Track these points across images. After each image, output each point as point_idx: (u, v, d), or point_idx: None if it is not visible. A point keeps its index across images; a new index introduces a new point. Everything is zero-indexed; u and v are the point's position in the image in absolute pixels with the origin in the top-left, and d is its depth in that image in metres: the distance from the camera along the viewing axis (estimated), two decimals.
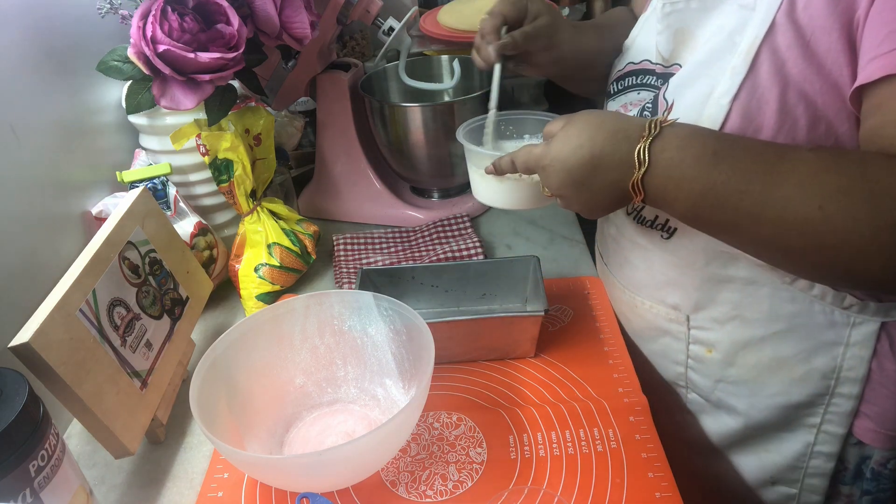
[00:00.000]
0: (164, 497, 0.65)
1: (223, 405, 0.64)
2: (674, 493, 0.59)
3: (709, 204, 0.52)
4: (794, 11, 0.52)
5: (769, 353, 0.66)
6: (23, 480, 0.50)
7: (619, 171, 0.55)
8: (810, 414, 0.67)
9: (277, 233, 0.90)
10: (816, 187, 0.48)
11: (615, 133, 0.55)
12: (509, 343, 0.75)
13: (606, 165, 0.55)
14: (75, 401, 0.57)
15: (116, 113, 0.92)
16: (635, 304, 0.76)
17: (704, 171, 0.51)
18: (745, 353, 0.68)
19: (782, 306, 0.63)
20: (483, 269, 0.81)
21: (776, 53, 0.54)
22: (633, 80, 0.71)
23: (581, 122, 0.57)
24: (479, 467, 0.64)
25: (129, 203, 0.72)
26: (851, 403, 0.65)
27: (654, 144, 0.53)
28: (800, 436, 0.69)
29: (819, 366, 0.64)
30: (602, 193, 0.57)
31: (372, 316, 0.71)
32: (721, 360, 0.70)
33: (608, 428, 0.66)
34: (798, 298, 0.62)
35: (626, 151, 0.54)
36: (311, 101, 1.22)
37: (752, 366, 0.68)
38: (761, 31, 0.54)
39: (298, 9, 0.83)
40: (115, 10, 0.79)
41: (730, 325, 0.67)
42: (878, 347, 0.62)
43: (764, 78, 0.54)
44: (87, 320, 0.61)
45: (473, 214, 1.05)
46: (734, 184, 0.50)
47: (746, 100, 0.55)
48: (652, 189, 0.54)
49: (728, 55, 0.57)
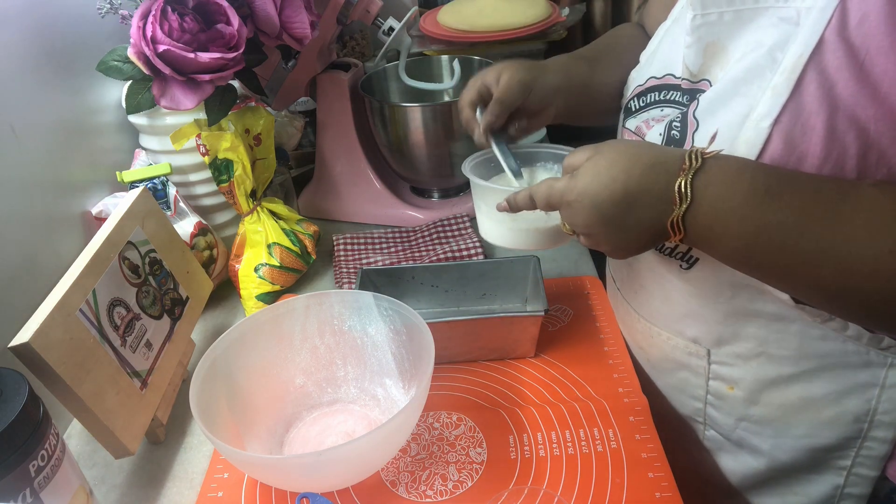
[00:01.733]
0: (164, 497, 0.65)
1: (223, 405, 0.64)
2: (674, 494, 0.59)
3: (761, 246, 0.48)
4: (845, 29, 0.47)
5: (797, 392, 0.61)
6: (23, 480, 0.50)
7: (658, 208, 0.50)
8: (840, 457, 0.63)
9: (277, 233, 0.90)
10: (885, 228, 0.44)
11: (653, 166, 0.50)
12: (509, 343, 0.75)
13: (643, 202, 0.51)
14: (75, 401, 0.57)
15: (116, 113, 0.92)
16: (651, 334, 0.71)
17: (757, 209, 0.47)
18: (771, 391, 0.63)
19: (813, 344, 0.58)
20: (483, 269, 0.81)
21: (824, 74, 0.48)
22: (655, 96, 0.66)
23: (613, 153, 0.52)
24: (479, 467, 0.64)
25: (129, 203, 0.72)
26: (886, 448, 0.61)
27: (697, 178, 0.49)
28: (828, 478, 0.65)
29: (851, 408, 0.60)
30: (636, 232, 0.53)
31: (372, 316, 0.71)
32: (744, 397, 0.65)
33: (608, 428, 0.66)
34: (830, 337, 0.57)
35: (665, 186, 0.49)
36: (311, 101, 1.22)
37: (777, 405, 0.63)
38: (807, 49, 0.49)
39: (298, 9, 0.83)
40: (115, 10, 0.79)
41: (755, 361, 0.62)
42: None
43: (809, 101, 0.49)
44: (87, 320, 0.61)
45: (473, 214, 1.05)
46: (791, 224, 0.46)
47: (790, 124, 0.50)
48: (694, 228, 0.50)
49: (768, 73, 0.52)
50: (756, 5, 0.55)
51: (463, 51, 1.20)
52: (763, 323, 0.60)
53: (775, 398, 0.63)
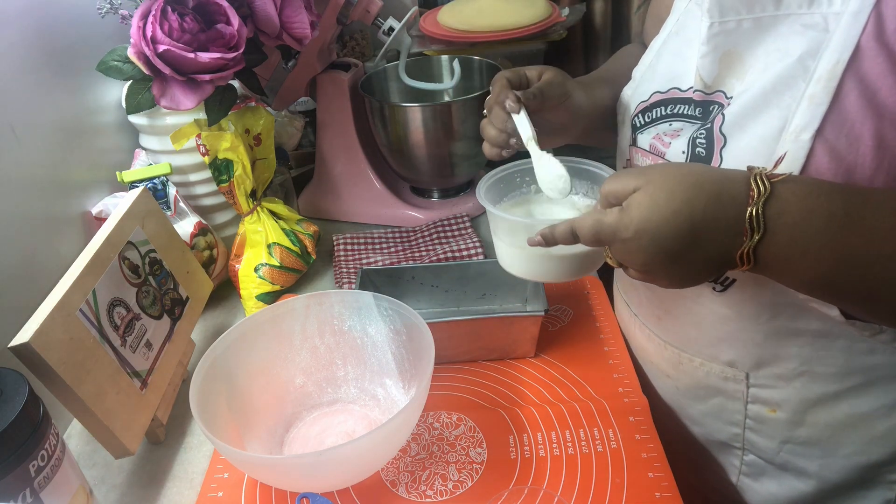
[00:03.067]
0: (164, 497, 0.65)
1: (223, 405, 0.64)
2: (674, 494, 0.59)
3: (844, 273, 0.46)
4: (883, 34, 0.45)
5: (844, 410, 0.60)
6: (23, 480, 0.50)
7: (726, 241, 0.46)
8: (891, 471, 0.62)
9: (277, 233, 0.90)
10: None
11: (718, 195, 0.46)
12: (509, 343, 0.75)
13: (710, 236, 0.47)
14: (75, 401, 0.57)
15: (116, 113, 0.92)
16: (680, 361, 0.68)
17: (837, 235, 0.45)
18: (816, 410, 0.61)
19: (859, 359, 0.57)
20: (483, 269, 0.81)
21: (865, 82, 0.47)
22: (662, 111, 0.64)
23: (669, 182, 0.47)
24: (479, 467, 0.64)
25: (129, 203, 0.72)
26: None
27: (768, 206, 0.45)
28: (878, 493, 0.63)
29: None
30: (701, 265, 0.49)
31: (372, 316, 0.71)
32: (788, 419, 0.63)
33: (608, 428, 0.66)
34: (878, 350, 0.56)
35: (734, 217, 0.46)
36: (311, 101, 1.22)
37: (824, 424, 0.61)
38: (843, 56, 0.47)
39: (298, 9, 0.83)
40: (115, 10, 0.79)
41: (798, 381, 0.60)
42: None
43: (853, 111, 0.47)
44: (87, 320, 0.61)
45: (473, 214, 1.05)
46: (876, 248, 0.44)
47: (833, 135, 0.48)
48: (768, 258, 0.46)
49: (801, 83, 0.50)
50: (777, 12, 0.53)
51: (463, 51, 1.20)
52: (806, 341, 0.58)
53: (822, 417, 0.61)
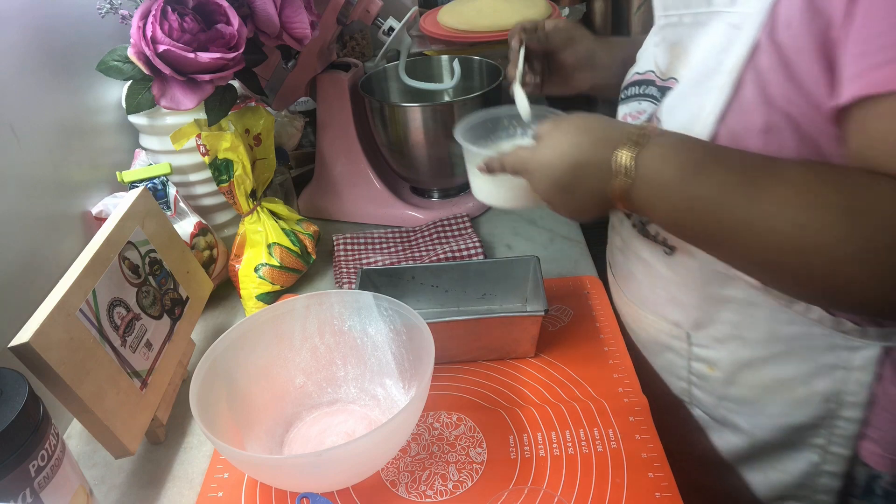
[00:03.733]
0: (164, 497, 0.65)
1: (223, 405, 0.64)
2: (674, 494, 0.59)
3: (690, 217, 0.52)
4: (775, 32, 0.51)
5: (770, 374, 0.65)
6: (23, 480, 0.50)
7: (602, 179, 0.54)
8: (815, 435, 0.66)
9: (277, 233, 0.90)
10: (795, 202, 0.47)
11: (600, 140, 0.55)
12: (509, 343, 0.75)
13: (589, 173, 0.55)
14: (75, 401, 0.57)
15: (116, 113, 0.92)
16: (640, 317, 0.75)
17: (686, 182, 0.51)
18: (747, 372, 0.66)
19: (781, 328, 0.62)
20: (483, 269, 0.81)
21: (759, 75, 0.52)
22: (636, 90, 0.70)
23: (569, 127, 0.57)
24: (479, 467, 0.64)
25: (129, 203, 0.72)
26: (855, 427, 0.63)
27: (640, 154, 0.53)
28: (806, 455, 0.67)
29: (820, 389, 0.62)
30: (585, 200, 0.57)
31: (372, 316, 0.71)
32: (723, 378, 0.68)
33: (608, 428, 0.66)
34: (796, 321, 0.61)
35: (608, 159, 0.54)
36: (311, 101, 1.22)
37: (753, 386, 0.67)
38: (745, 51, 0.53)
39: (298, 9, 0.83)
40: (115, 10, 0.79)
41: (731, 344, 0.66)
42: (881, 372, 0.60)
43: (749, 100, 0.53)
44: (87, 320, 0.61)
45: (473, 214, 1.05)
46: (714, 196, 0.50)
47: (733, 121, 0.54)
48: (637, 199, 0.54)
49: (716, 74, 0.55)
50: (709, 9, 0.58)
51: (463, 51, 1.20)
52: (735, 308, 0.63)
53: (750, 379, 0.66)
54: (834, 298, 0.50)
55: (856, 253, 0.45)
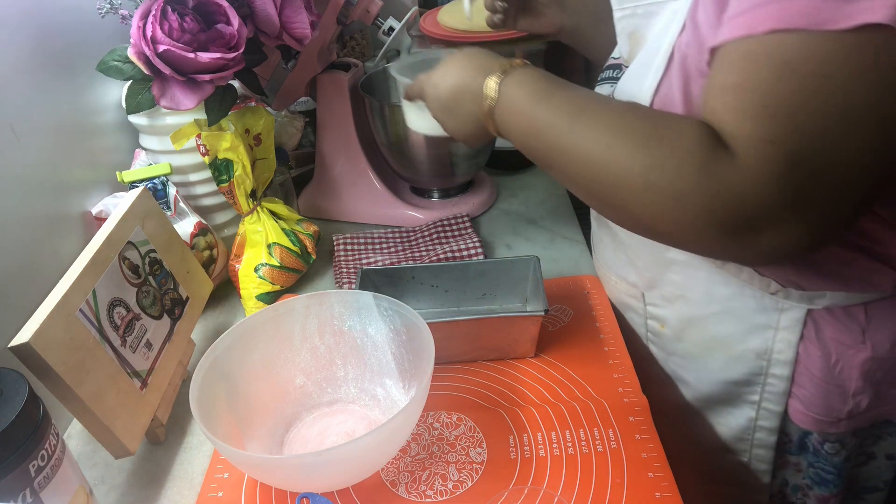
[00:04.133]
0: (164, 497, 0.65)
1: (223, 405, 0.64)
2: (674, 494, 0.59)
3: (534, 139, 0.57)
4: (696, 12, 0.54)
5: (710, 331, 0.70)
6: (23, 480, 0.50)
7: (476, 103, 0.61)
8: (750, 392, 0.70)
9: (277, 233, 0.90)
10: (609, 129, 0.51)
11: (479, 68, 0.61)
12: (509, 343, 0.75)
13: (468, 97, 0.62)
14: (75, 401, 0.57)
15: (116, 113, 0.92)
16: (608, 279, 0.83)
17: (532, 107, 0.56)
18: (691, 329, 0.72)
19: (718, 289, 0.66)
20: (483, 269, 0.81)
21: (681, 50, 0.56)
22: (609, 73, 0.73)
23: (459, 56, 0.64)
24: (479, 467, 0.64)
25: (129, 203, 0.72)
26: (784, 384, 0.68)
27: (503, 83, 0.58)
28: (743, 411, 0.72)
29: (753, 346, 0.67)
30: (466, 121, 0.64)
31: (372, 316, 0.71)
32: (672, 335, 0.74)
33: (608, 428, 0.66)
34: (730, 282, 0.65)
35: (482, 85, 0.60)
36: (311, 101, 1.22)
37: (696, 342, 0.72)
38: (676, 32, 0.56)
39: (298, 9, 0.83)
40: (115, 10, 0.79)
41: (677, 303, 0.71)
42: (804, 333, 0.65)
43: (674, 74, 0.57)
44: (87, 320, 0.61)
45: (473, 214, 1.05)
46: (549, 120, 0.55)
47: (663, 94, 0.58)
48: (500, 123, 0.60)
49: (656, 55, 0.59)
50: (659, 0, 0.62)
51: None
52: (678, 269, 0.69)
53: (694, 336, 0.72)
54: (629, 218, 0.53)
55: (644, 173, 0.48)
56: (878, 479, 0.77)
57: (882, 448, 0.74)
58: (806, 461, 0.73)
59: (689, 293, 0.69)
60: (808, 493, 0.75)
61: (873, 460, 0.75)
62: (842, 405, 0.66)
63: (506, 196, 1.13)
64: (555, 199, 1.10)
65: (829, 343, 0.64)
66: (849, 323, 0.63)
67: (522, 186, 1.16)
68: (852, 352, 0.64)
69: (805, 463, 0.73)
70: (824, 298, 0.63)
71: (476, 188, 1.11)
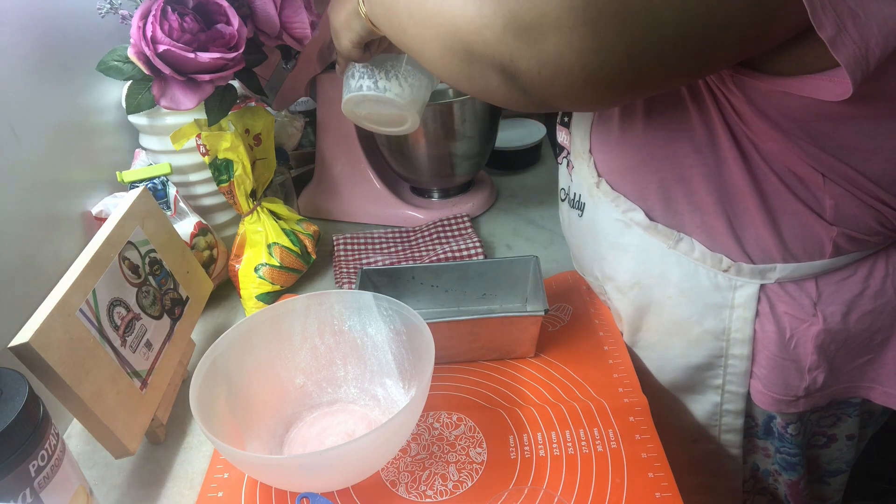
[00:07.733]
0: (164, 497, 0.65)
1: (223, 405, 0.64)
2: (674, 494, 0.59)
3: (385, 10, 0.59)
4: None
5: (667, 316, 0.70)
6: (23, 480, 0.50)
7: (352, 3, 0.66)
8: (713, 376, 0.71)
9: (277, 233, 0.90)
10: None
11: None
12: (509, 343, 0.75)
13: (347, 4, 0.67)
14: (75, 401, 0.57)
15: (116, 113, 0.92)
16: (580, 277, 0.86)
17: None
18: (648, 317, 0.72)
19: (671, 271, 0.67)
20: (483, 269, 0.81)
21: None
22: None
23: None
24: (479, 467, 0.64)
25: (129, 203, 0.72)
26: (745, 364, 0.68)
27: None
28: (708, 396, 0.72)
29: (710, 327, 0.67)
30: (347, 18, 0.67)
31: (372, 316, 0.71)
32: (630, 326, 0.75)
33: (608, 428, 0.66)
34: (683, 263, 0.66)
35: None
36: (311, 101, 1.22)
37: (655, 329, 0.73)
38: None
39: (298, 9, 0.83)
40: (115, 10, 0.79)
41: (631, 292, 0.72)
42: (759, 309, 0.65)
43: None
44: (87, 320, 0.61)
45: (473, 214, 1.05)
46: None
47: None
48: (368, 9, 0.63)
49: None
50: None
51: None
52: (633, 255, 0.69)
53: (652, 323, 0.72)
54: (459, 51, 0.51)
55: None
56: (841, 461, 0.78)
57: (842, 430, 0.75)
58: (773, 446, 0.74)
59: (644, 279, 0.70)
60: (777, 478, 0.76)
61: (835, 443, 0.76)
62: (799, 381, 0.66)
63: (506, 196, 1.13)
64: (555, 200, 1.10)
65: (782, 318, 0.65)
66: (800, 297, 0.64)
67: (522, 186, 1.16)
68: (805, 325, 0.64)
69: (772, 448, 0.74)
70: (774, 272, 0.63)
71: (476, 188, 1.11)
